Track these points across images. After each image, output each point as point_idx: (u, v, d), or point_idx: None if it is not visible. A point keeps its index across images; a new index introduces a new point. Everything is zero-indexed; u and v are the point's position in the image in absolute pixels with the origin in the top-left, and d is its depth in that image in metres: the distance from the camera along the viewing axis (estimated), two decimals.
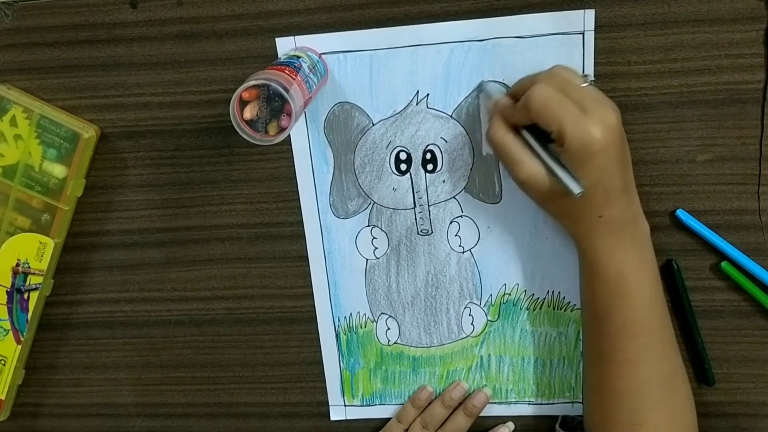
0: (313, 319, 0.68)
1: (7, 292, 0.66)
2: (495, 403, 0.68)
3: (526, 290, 0.65)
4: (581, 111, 0.51)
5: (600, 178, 0.52)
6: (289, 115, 0.53)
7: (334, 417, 0.71)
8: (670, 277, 0.62)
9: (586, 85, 0.53)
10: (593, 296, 0.57)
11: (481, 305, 0.66)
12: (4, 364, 0.68)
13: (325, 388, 0.70)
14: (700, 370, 0.64)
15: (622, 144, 0.53)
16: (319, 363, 0.69)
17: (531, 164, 0.54)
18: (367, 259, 0.66)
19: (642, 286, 0.56)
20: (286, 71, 0.53)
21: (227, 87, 0.62)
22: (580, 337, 0.66)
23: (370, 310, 0.68)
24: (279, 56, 0.61)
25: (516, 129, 0.56)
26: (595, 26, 0.58)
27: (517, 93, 0.56)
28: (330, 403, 0.70)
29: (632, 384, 0.56)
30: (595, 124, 0.51)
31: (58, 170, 0.64)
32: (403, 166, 0.63)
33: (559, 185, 0.52)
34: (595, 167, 0.51)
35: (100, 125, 0.65)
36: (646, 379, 0.56)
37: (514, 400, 0.68)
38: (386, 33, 0.60)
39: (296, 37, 0.61)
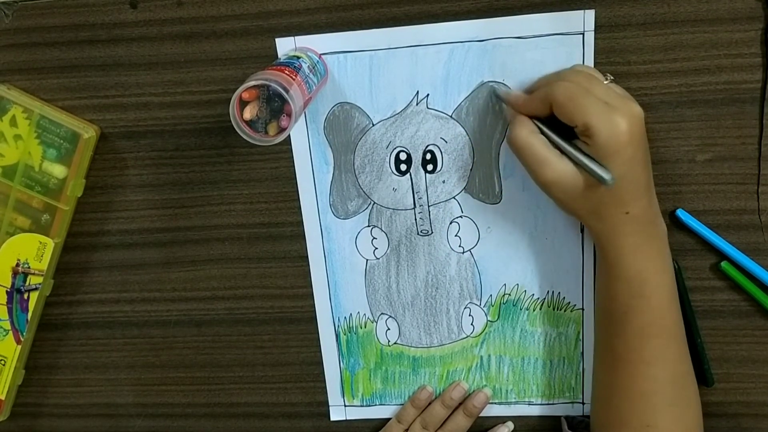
0: (313, 319, 0.68)
1: (7, 292, 0.66)
2: (495, 403, 0.68)
3: (526, 290, 0.65)
4: (606, 105, 0.51)
5: (628, 172, 0.52)
6: (289, 115, 0.53)
7: (334, 417, 0.71)
8: None
9: (608, 82, 0.54)
10: (612, 296, 0.57)
11: (481, 305, 0.66)
12: (4, 364, 0.68)
13: (325, 388, 0.70)
14: (699, 370, 0.64)
15: (646, 139, 0.53)
16: (319, 363, 0.69)
17: (559, 163, 0.53)
18: (367, 260, 0.66)
19: (661, 286, 0.55)
20: (286, 71, 0.53)
21: (227, 87, 0.62)
22: (580, 337, 0.66)
23: (370, 310, 0.68)
24: (279, 56, 0.61)
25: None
26: (595, 26, 0.58)
27: (540, 86, 0.56)
28: (330, 404, 0.70)
29: (646, 385, 0.56)
30: (622, 116, 0.51)
31: (58, 170, 0.64)
32: (403, 167, 0.63)
33: (587, 181, 0.52)
34: (624, 160, 0.51)
35: (100, 125, 0.65)
36: (660, 380, 0.56)
37: (514, 400, 0.68)
38: (386, 33, 0.60)
39: (296, 37, 0.61)
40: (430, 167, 0.63)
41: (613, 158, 0.51)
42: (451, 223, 0.64)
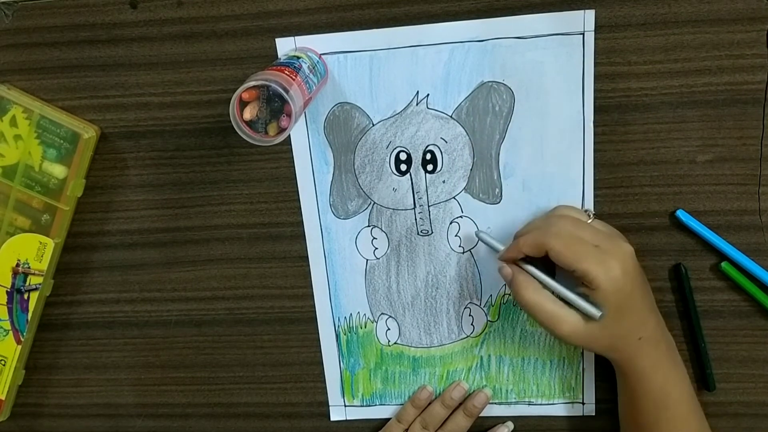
0: (313, 320, 0.68)
1: (7, 292, 0.66)
2: (495, 403, 0.68)
3: None
4: (597, 249, 0.55)
5: (632, 304, 0.56)
6: (289, 115, 0.53)
7: (334, 417, 0.71)
8: (676, 279, 0.63)
9: (591, 220, 0.58)
10: (638, 411, 0.60)
11: (481, 305, 0.66)
12: (4, 364, 0.68)
13: (325, 388, 0.70)
14: (701, 374, 0.64)
15: (640, 270, 0.57)
16: (319, 363, 0.69)
17: (568, 316, 0.56)
18: (367, 260, 0.66)
19: (683, 394, 0.59)
20: (286, 72, 0.53)
21: (227, 87, 0.62)
22: None
23: (370, 310, 0.68)
24: (279, 56, 0.61)
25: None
26: (595, 26, 0.58)
27: (528, 232, 0.58)
28: (330, 404, 0.70)
29: None
30: (614, 259, 0.54)
31: (58, 170, 0.64)
32: (403, 167, 0.63)
33: (599, 324, 0.55)
34: (625, 296, 0.55)
35: (100, 125, 0.65)
36: None
37: (514, 400, 0.68)
38: (386, 33, 0.60)
39: (296, 37, 0.61)
40: (430, 167, 0.63)
41: (615, 296, 0.54)
42: (451, 223, 0.64)
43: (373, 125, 0.62)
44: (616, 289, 0.54)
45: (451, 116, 0.61)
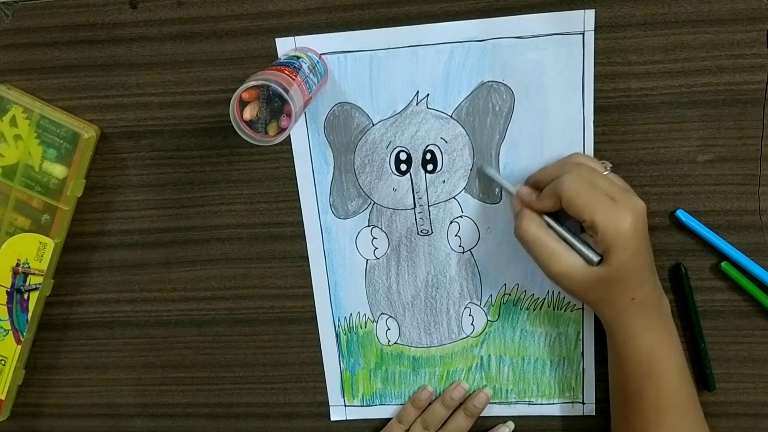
0: (313, 319, 0.68)
1: (7, 292, 0.66)
2: (495, 403, 0.68)
3: (526, 290, 0.65)
4: (611, 200, 0.54)
5: (632, 263, 0.54)
6: (289, 115, 0.53)
7: (334, 417, 0.71)
8: (676, 279, 0.63)
9: (608, 172, 0.57)
10: (625, 375, 0.59)
11: (481, 305, 0.66)
12: (4, 364, 0.68)
13: (325, 388, 0.70)
14: (701, 374, 0.64)
15: (647, 231, 0.56)
16: (319, 363, 0.69)
17: (568, 256, 0.56)
18: (367, 260, 0.66)
19: (671, 363, 0.58)
20: (286, 72, 0.53)
21: (227, 87, 0.62)
22: (580, 337, 0.66)
23: (370, 310, 0.68)
24: (279, 56, 0.61)
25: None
26: (595, 26, 0.58)
27: (539, 182, 0.58)
28: (330, 404, 0.70)
29: None
30: (626, 212, 0.53)
31: (58, 170, 0.64)
32: (403, 167, 0.63)
33: (595, 273, 0.55)
34: (629, 253, 0.54)
35: (100, 125, 0.65)
36: None
37: (514, 400, 0.68)
38: (386, 33, 0.60)
39: (296, 37, 0.61)
40: (430, 167, 0.63)
41: (618, 251, 0.54)
42: (451, 223, 0.64)
43: (373, 125, 0.62)
44: (620, 243, 0.53)
45: (451, 116, 0.61)
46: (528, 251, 0.58)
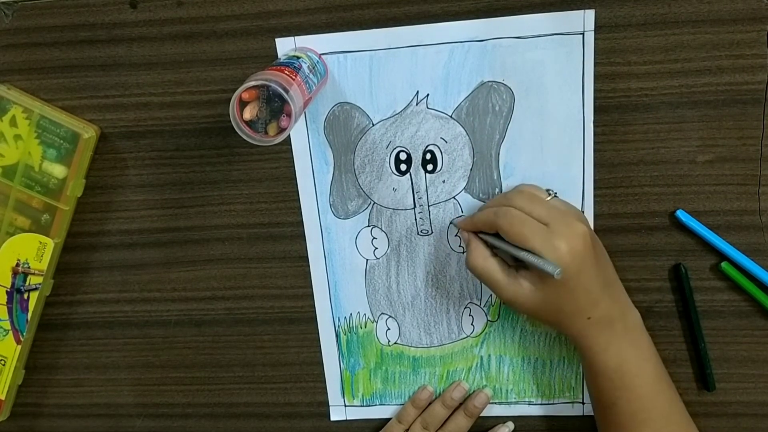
0: (313, 319, 0.68)
1: (7, 292, 0.66)
2: (495, 403, 0.68)
3: None
4: (545, 227, 0.54)
5: (578, 284, 0.55)
6: (289, 115, 0.53)
7: (334, 417, 0.71)
8: (676, 279, 0.63)
9: (550, 198, 0.57)
10: (597, 390, 0.59)
11: (481, 305, 0.66)
12: (4, 364, 0.68)
13: (325, 388, 0.70)
14: (701, 374, 0.64)
15: (594, 246, 0.56)
16: (319, 363, 0.69)
17: (512, 285, 0.57)
18: (367, 260, 0.66)
19: (642, 374, 0.57)
20: (286, 72, 0.53)
21: (227, 87, 0.62)
22: None
23: (370, 310, 0.68)
24: (279, 56, 0.61)
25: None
26: (595, 26, 0.58)
27: (488, 207, 0.59)
28: (330, 404, 0.70)
29: None
30: (561, 239, 0.54)
31: (58, 170, 0.64)
32: (403, 167, 0.63)
33: (543, 298, 0.55)
34: (572, 275, 0.54)
35: (100, 125, 0.65)
36: None
37: (514, 400, 0.68)
38: (386, 33, 0.60)
39: (296, 37, 0.61)
40: (430, 167, 0.63)
41: (564, 275, 0.53)
42: (451, 223, 0.64)
43: (373, 125, 0.62)
44: (561, 268, 0.53)
45: (451, 116, 0.61)
46: (481, 281, 0.59)
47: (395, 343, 0.68)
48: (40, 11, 0.62)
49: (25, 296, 0.67)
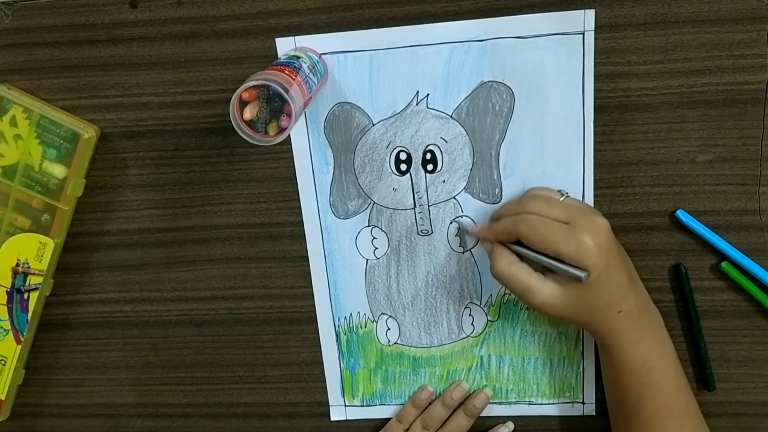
0: (313, 319, 0.68)
1: (7, 292, 0.66)
2: (495, 403, 0.68)
3: None
4: (569, 225, 0.54)
5: (607, 278, 0.55)
6: (289, 115, 0.53)
7: (334, 417, 0.71)
8: (676, 279, 0.63)
9: (564, 198, 0.57)
10: (622, 388, 0.59)
11: (482, 305, 0.66)
12: (4, 364, 0.68)
13: (325, 388, 0.70)
14: (701, 374, 0.64)
15: (616, 243, 0.56)
16: (319, 363, 0.69)
17: (544, 287, 0.56)
18: (367, 260, 0.66)
19: (667, 370, 0.58)
20: (286, 71, 0.53)
21: (227, 87, 0.62)
22: (580, 336, 0.66)
23: (370, 310, 0.68)
24: (279, 56, 0.61)
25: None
26: (595, 26, 0.58)
27: (503, 216, 0.59)
28: (330, 403, 0.70)
29: None
30: (585, 233, 0.54)
31: (58, 170, 0.64)
32: (403, 167, 0.63)
33: (574, 296, 0.55)
34: (600, 270, 0.54)
35: (100, 125, 0.65)
36: None
37: (514, 400, 0.68)
38: (386, 33, 0.60)
39: (296, 37, 0.61)
40: (430, 167, 0.63)
41: (589, 271, 0.54)
42: (451, 223, 0.64)
43: (373, 125, 0.62)
44: (589, 262, 0.53)
45: (451, 116, 0.61)
46: (508, 288, 0.59)
47: (395, 343, 0.68)
48: (40, 11, 0.62)
49: (25, 296, 0.67)
